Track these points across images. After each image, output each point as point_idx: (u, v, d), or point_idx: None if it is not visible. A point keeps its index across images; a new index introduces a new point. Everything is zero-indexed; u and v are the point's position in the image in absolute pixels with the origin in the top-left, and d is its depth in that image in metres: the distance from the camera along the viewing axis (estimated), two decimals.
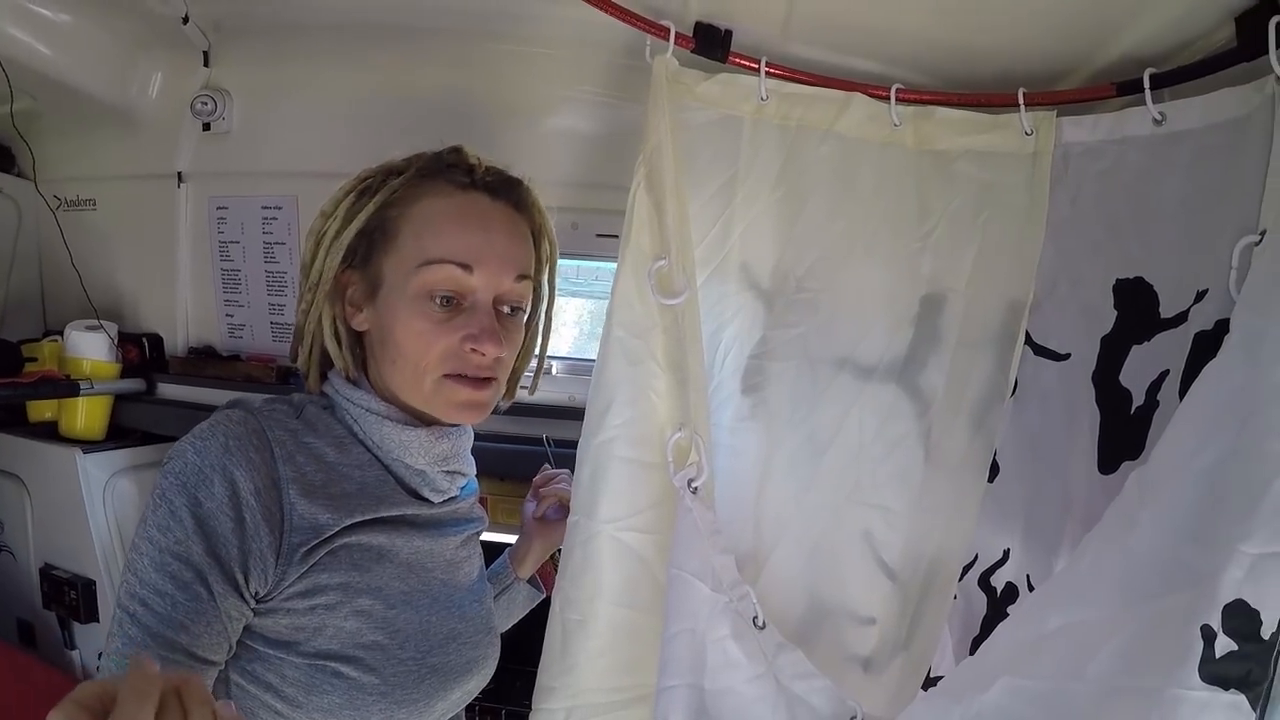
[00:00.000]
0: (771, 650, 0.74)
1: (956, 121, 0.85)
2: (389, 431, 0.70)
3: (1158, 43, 0.80)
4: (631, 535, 0.81)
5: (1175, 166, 0.76)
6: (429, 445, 0.71)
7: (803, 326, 0.86)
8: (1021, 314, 0.84)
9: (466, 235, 0.69)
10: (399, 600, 0.68)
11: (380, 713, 0.64)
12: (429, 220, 0.69)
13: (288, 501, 0.62)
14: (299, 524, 0.61)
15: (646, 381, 0.80)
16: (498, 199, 0.73)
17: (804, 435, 0.86)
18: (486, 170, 0.73)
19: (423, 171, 0.72)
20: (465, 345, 0.68)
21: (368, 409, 0.70)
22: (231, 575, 0.59)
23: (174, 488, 0.59)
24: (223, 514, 0.58)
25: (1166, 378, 0.75)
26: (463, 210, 0.70)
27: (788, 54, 0.88)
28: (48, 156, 1.32)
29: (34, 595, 1.25)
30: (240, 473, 0.60)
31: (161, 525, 0.58)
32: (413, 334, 0.68)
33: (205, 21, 1.15)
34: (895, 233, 0.86)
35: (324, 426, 0.69)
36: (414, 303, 0.68)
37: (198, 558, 0.58)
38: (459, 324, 0.68)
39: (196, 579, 0.58)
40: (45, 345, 1.26)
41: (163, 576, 0.57)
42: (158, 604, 0.57)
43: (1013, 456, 0.85)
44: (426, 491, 0.73)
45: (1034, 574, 0.83)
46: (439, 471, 0.73)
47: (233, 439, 0.61)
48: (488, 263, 0.69)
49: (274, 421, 0.65)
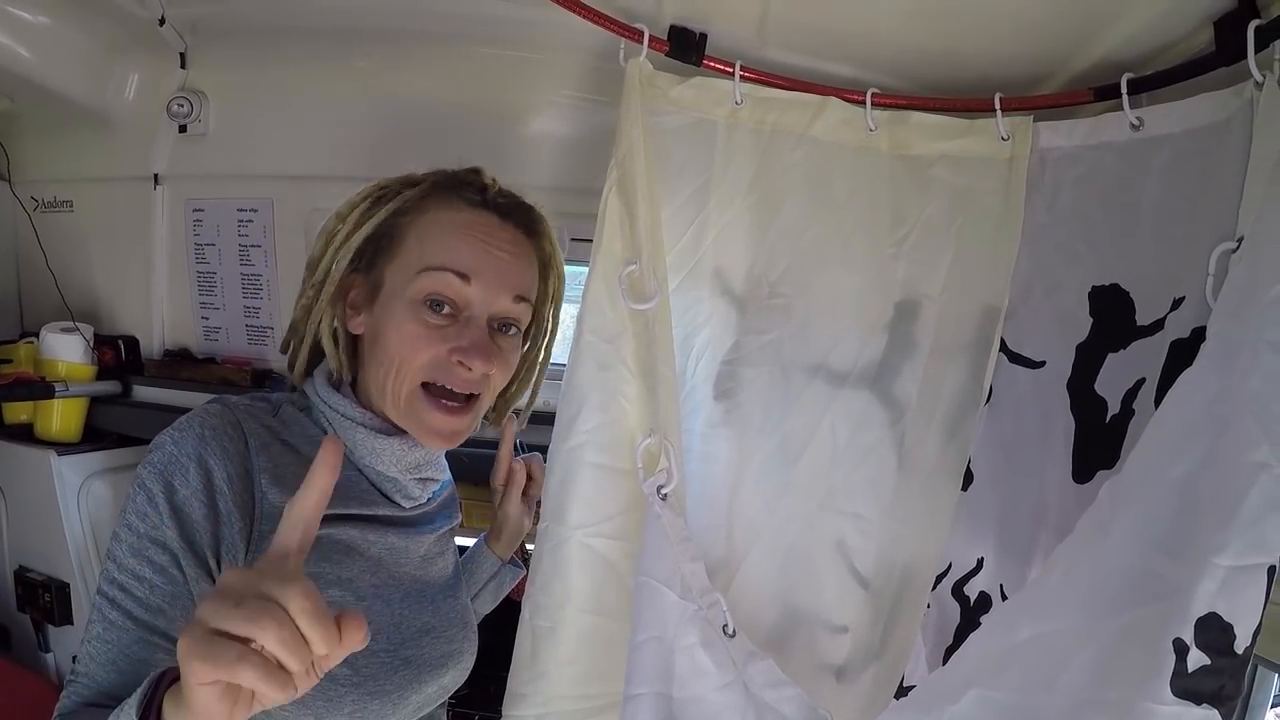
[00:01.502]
0: (741, 658, 0.73)
1: (932, 126, 0.84)
2: (361, 438, 0.71)
3: (1136, 47, 0.80)
4: (600, 541, 0.80)
5: (1153, 172, 0.76)
6: (401, 454, 0.72)
7: (776, 332, 0.85)
8: (996, 321, 0.83)
9: (469, 247, 0.70)
10: (369, 593, 0.68)
11: (353, 703, 0.64)
12: (434, 229, 0.71)
13: (259, 490, 0.63)
14: (269, 512, 0.63)
15: (617, 386, 0.80)
16: (507, 221, 0.74)
17: (776, 442, 0.85)
18: (500, 192, 0.75)
19: (438, 185, 0.74)
20: (453, 357, 0.68)
21: (343, 414, 0.71)
22: (204, 559, 0.60)
23: (152, 476, 0.60)
24: (196, 500, 0.60)
25: (1142, 386, 0.74)
26: (469, 225, 0.71)
27: (763, 58, 0.88)
28: (24, 158, 1.31)
29: (8, 598, 1.24)
30: (215, 461, 0.61)
31: (139, 512, 0.59)
32: (403, 336, 0.68)
33: (182, 23, 1.15)
34: (869, 238, 0.85)
35: (299, 426, 0.70)
36: (410, 307, 0.69)
37: (172, 542, 0.59)
38: (450, 335, 0.69)
39: (172, 563, 0.59)
40: (21, 347, 1.26)
41: (140, 562, 0.58)
42: (136, 588, 0.58)
43: (987, 464, 0.84)
44: (398, 497, 0.74)
45: (1007, 583, 0.83)
46: (411, 479, 0.74)
47: (208, 429, 0.62)
48: (486, 277, 0.70)
49: (250, 416, 0.67)
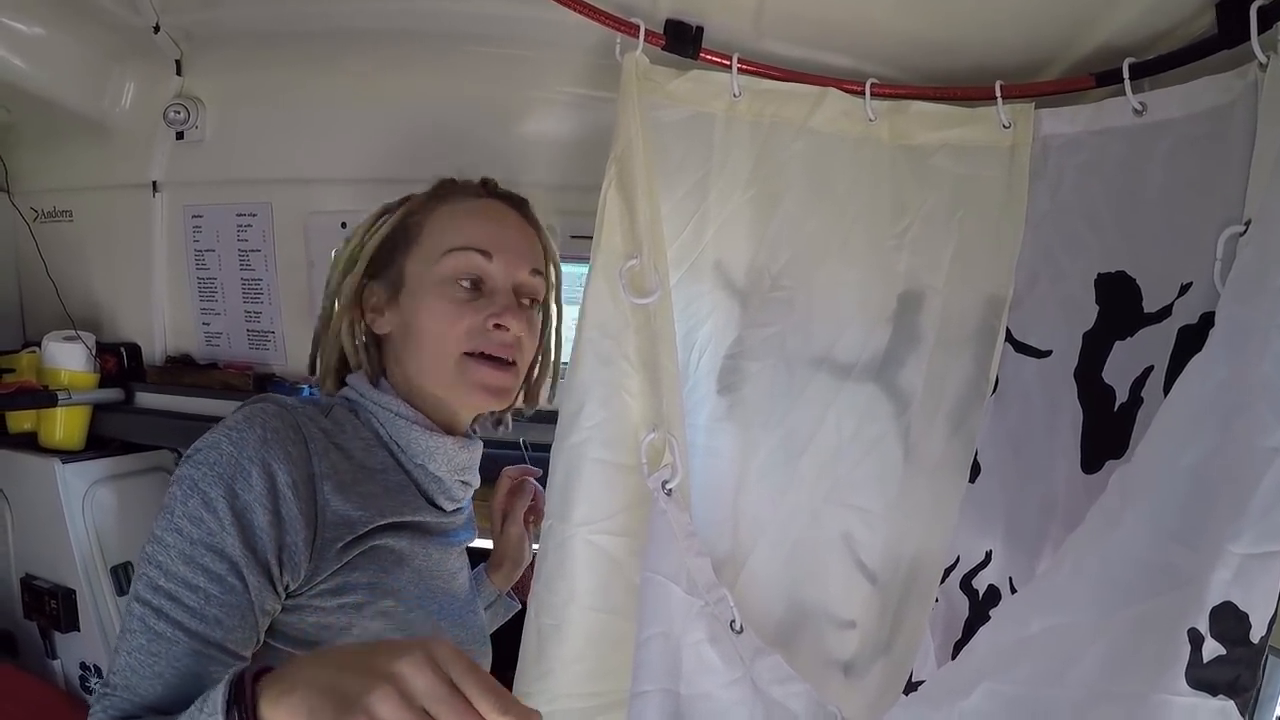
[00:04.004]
0: (749, 654, 0.73)
1: (932, 115, 0.84)
2: (416, 436, 0.72)
3: (1136, 31, 0.79)
4: (605, 538, 0.79)
5: (1157, 157, 0.75)
6: (453, 454, 0.74)
7: (778, 325, 0.84)
8: (1001, 310, 0.82)
9: (485, 228, 0.75)
10: (415, 605, 0.69)
11: None
12: (449, 218, 0.75)
13: (322, 497, 0.62)
14: (332, 519, 0.62)
15: (619, 382, 0.79)
16: (510, 208, 0.80)
17: (781, 436, 0.84)
18: (497, 186, 0.82)
19: (442, 185, 0.80)
20: (489, 322, 0.71)
21: (396, 413, 0.72)
22: (267, 567, 0.58)
23: (209, 479, 0.57)
24: (260, 506, 0.58)
25: (1150, 373, 0.74)
26: (482, 209, 0.78)
27: (760, 50, 0.87)
28: (23, 169, 1.31)
29: (14, 605, 1.24)
30: (278, 465, 0.59)
31: (193, 517, 0.57)
32: (437, 315, 0.71)
33: (176, 31, 1.15)
34: (871, 229, 0.84)
35: (351, 429, 0.70)
36: (439, 287, 0.72)
37: (233, 550, 0.57)
38: (482, 305, 0.72)
39: (230, 571, 0.57)
40: (23, 357, 1.25)
41: (193, 570, 0.56)
42: (189, 598, 0.56)
43: (994, 456, 0.83)
44: (441, 499, 0.75)
45: (1016, 576, 0.82)
46: (455, 480, 0.75)
47: (270, 432, 0.61)
48: (506, 251, 0.74)
49: (308, 418, 0.66)
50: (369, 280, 0.76)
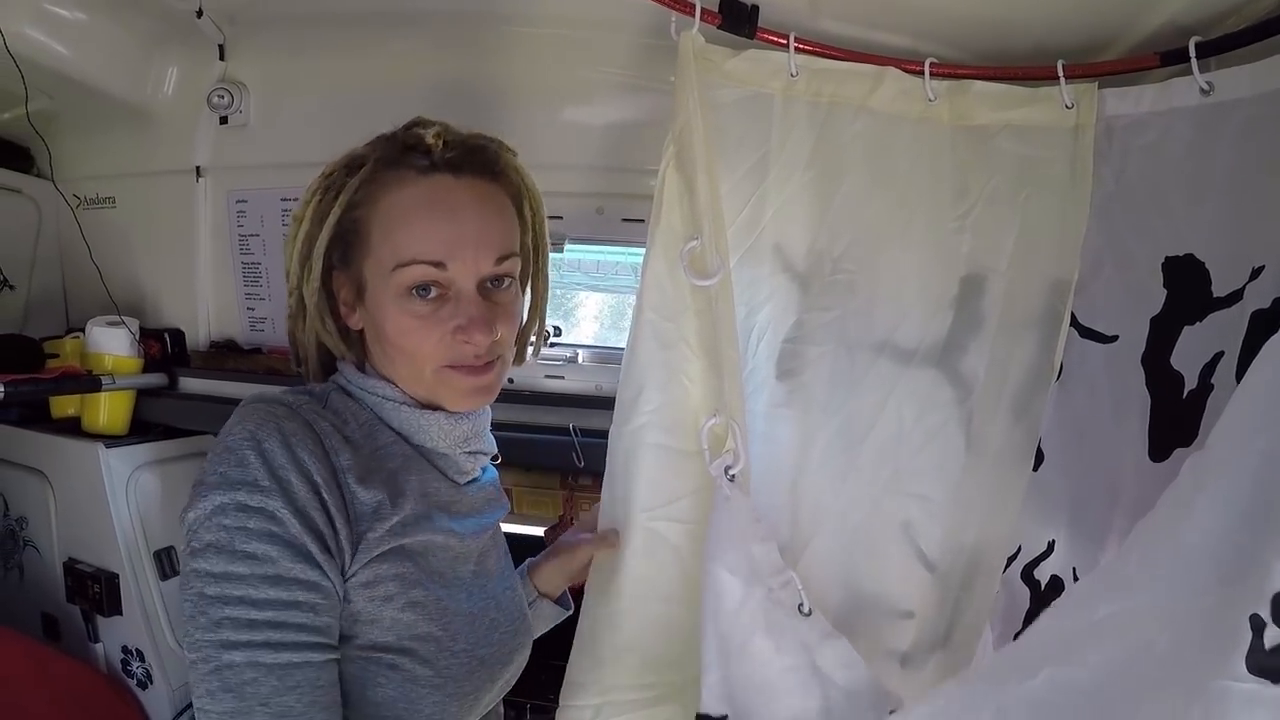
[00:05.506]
0: (815, 639, 0.72)
1: (994, 95, 0.82)
2: (408, 416, 0.70)
3: (1201, 10, 0.77)
4: (665, 525, 0.79)
5: (1225, 138, 0.73)
6: (448, 429, 0.71)
7: (839, 310, 0.83)
8: (1066, 295, 0.81)
9: (435, 228, 0.65)
10: (445, 591, 0.68)
11: (433, 705, 0.63)
12: (396, 218, 0.66)
13: (349, 491, 0.62)
14: (363, 512, 0.62)
15: (679, 366, 0.78)
16: (463, 175, 0.68)
17: (841, 422, 0.83)
18: (447, 145, 0.68)
19: (382, 161, 0.68)
20: (456, 336, 0.67)
21: (384, 396, 0.70)
22: (342, 562, 0.59)
23: (257, 495, 0.56)
24: (312, 509, 0.58)
25: (1221, 359, 0.72)
26: (429, 200, 0.66)
27: (816, 29, 0.86)
28: (66, 155, 1.32)
29: (58, 589, 1.25)
30: (311, 466, 0.59)
31: (260, 534, 0.56)
32: (403, 330, 0.67)
33: (219, 15, 1.15)
34: (933, 211, 0.83)
35: (351, 414, 0.69)
36: (397, 302, 0.66)
37: (316, 554, 0.57)
38: (446, 314, 0.66)
39: (320, 575, 0.58)
40: (67, 342, 1.26)
41: (285, 589, 0.56)
42: (296, 617, 0.56)
43: (1058, 444, 0.82)
44: (452, 473, 0.73)
45: (1080, 566, 0.81)
46: (461, 453, 0.73)
47: (290, 435, 0.60)
48: (461, 254, 0.66)
49: (312, 414, 0.65)
50: (335, 268, 0.71)
